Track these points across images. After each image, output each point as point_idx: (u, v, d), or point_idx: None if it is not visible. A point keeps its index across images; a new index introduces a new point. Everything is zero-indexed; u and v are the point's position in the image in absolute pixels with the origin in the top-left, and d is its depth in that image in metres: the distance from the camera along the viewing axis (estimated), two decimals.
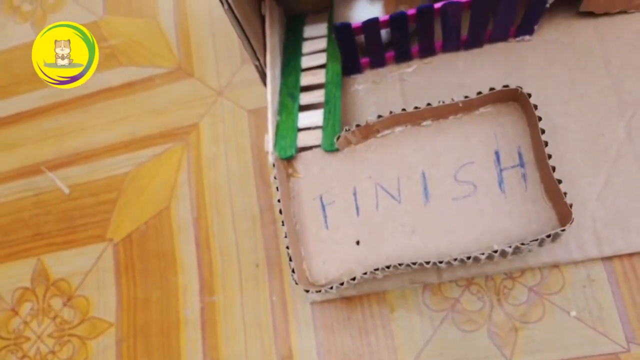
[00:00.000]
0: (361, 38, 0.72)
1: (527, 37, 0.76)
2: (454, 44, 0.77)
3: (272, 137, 0.71)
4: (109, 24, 1.01)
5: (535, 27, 0.75)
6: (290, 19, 0.86)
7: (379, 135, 0.70)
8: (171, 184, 0.88)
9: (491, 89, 0.63)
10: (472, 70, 0.77)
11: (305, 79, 0.78)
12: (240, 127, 0.88)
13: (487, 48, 0.78)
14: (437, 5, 0.67)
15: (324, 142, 0.71)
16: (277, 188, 0.66)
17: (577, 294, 0.66)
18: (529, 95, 0.62)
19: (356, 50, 0.75)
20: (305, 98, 0.77)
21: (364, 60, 0.79)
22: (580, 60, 0.73)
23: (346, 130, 0.67)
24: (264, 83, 0.76)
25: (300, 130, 0.74)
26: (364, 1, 0.74)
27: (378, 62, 0.80)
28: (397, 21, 0.68)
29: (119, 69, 0.97)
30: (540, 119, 0.61)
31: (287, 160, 0.72)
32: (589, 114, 0.70)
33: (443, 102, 0.64)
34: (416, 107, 0.65)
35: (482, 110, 0.67)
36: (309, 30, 0.84)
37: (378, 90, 0.80)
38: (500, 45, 0.77)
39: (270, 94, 0.73)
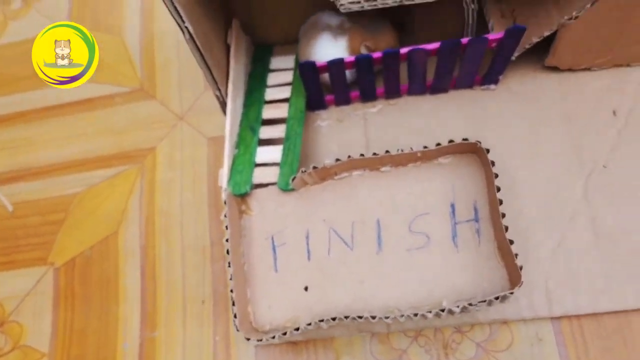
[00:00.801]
0: (327, 76, 0.71)
1: (492, 87, 0.76)
2: (419, 87, 0.76)
3: (227, 172, 0.69)
4: None
5: (500, 77, 0.75)
6: (258, 48, 0.84)
7: (336, 177, 0.68)
8: (121, 208, 0.84)
9: (450, 141, 0.62)
10: (436, 115, 0.77)
11: (268, 112, 0.77)
12: (199, 155, 0.85)
13: (452, 94, 0.77)
14: (404, 50, 0.66)
15: (280, 181, 0.69)
16: (226, 227, 0.63)
17: (525, 353, 0.65)
18: (487, 150, 0.62)
19: (320, 88, 0.73)
20: (265, 132, 0.75)
21: (329, 97, 0.78)
22: (542, 115, 0.73)
23: (302, 172, 0.65)
24: (225, 113, 0.74)
25: (257, 165, 0.72)
26: (328, 37, 0.73)
27: (343, 100, 0.78)
28: (362, 63, 0.67)
29: (79, 85, 0.94)
30: (497, 175, 0.60)
31: (241, 196, 0.69)
32: (548, 170, 0.69)
33: (402, 150, 0.63)
34: (375, 154, 0.64)
35: (441, 160, 0.66)
36: (276, 62, 0.82)
37: (341, 128, 0.79)
38: (465, 92, 0.77)
39: (229, 126, 0.71)
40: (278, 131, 0.74)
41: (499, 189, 0.59)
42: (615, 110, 0.71)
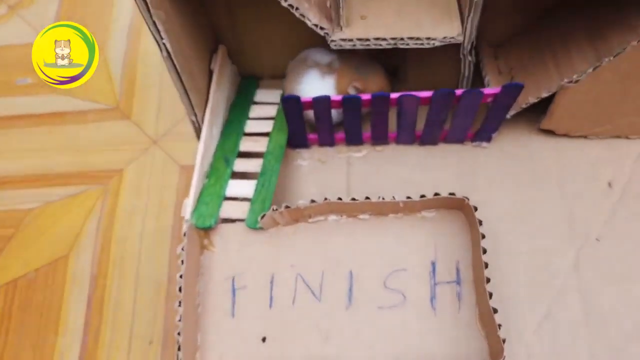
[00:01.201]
0: (312, 113, 0.67)
1: (484, 144, 0.72)
2: (408, 136, 0.72)
3: (193, 202, 0.63)
4: None
5: (494, 135, 0.71)
6: (245, 79, 0.81)
7: (310, 220, 0.63)
8: (76, 231, 0.78)
9: (436, 194, 0.58)
10: (423, 167, 0.72)
11: (246, 144, 0.72)
12: (168, 183, 0.80)
13: (442, 147, 0.73)
14: (394, 95, 0.62)
15: (249, 218, 0.63)
16: (182, 262, 0.57)
17: None
18: (475, 208, 0.57)
19: (304, 125, 0.69)
20: (240, 165, 0.70)
21: (313, 136, 0.73)
22: (535, 179, 0.69)
23: (274, 210, 0.59)
24: (199, 139, 0.69)
25: (227, 199, 0.66)
26: (316, 74, 0.69)
27: (327, 141, 0.74)
28: (350, 104, 0.63)
29: (52, 96, 0.89)
30: (483, 236, 0.55)
31: (205, 230, 0.63)
32: (538, 237, 0.65)
33: (383, 198, 0.58)
34: (354, 199, 0.59)
35: (424, 213, 0.61)
36: (261, 95, 0.78)
37: (323, 170, 0.74)
38: (455, 147, 0.73)
39: (201, 154, 0.66)
40: (254, 165, 0.69)
41: (484, 251, 0.54)
42: (611, 182, 0.68)
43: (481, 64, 0.70)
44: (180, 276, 0.56)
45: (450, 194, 0.58)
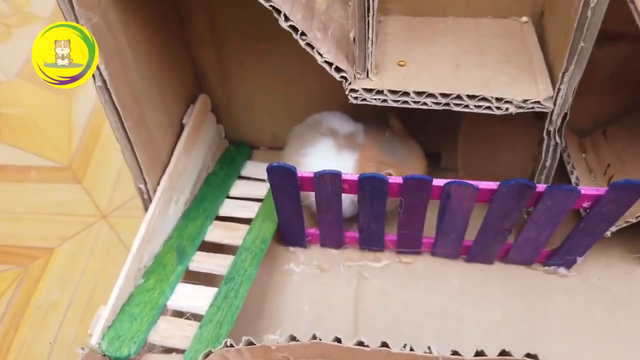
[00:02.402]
0: (313, 196, 0.45)
1: (562, 270, 0.49)
2: (451, 247, 0.49)
3: (108, 314, 0.40)
4: (13, 89, 0.76)
5: (579, 260, 0.48)
6: (234, 145, 0.61)
7: None
8: None
9: (503, 352, 0.34)
10: (469, 295, 0.49)
11: (214, 233, 0.50)
12: (108, 273, 0.58)
13: (500, 268, 0.51)
14: (439, 182, 0.41)
15: (190, 350, 0.40)
16: None
17: None
18: None
19: (300, 213, 0.47)
20: (200, 262, 0.47)
21: (313, 230, 0.51)
22: (635, 327, 0.45)
23: (227, 347, 0.36)
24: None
25: (166, 313, 0.43)
26: (330, 144, 0.49)
27: (332, 240, 0.52)
28: (369, 186, 0.42)
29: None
30: None
31: None
32: None
33: (412, 349, 0.34)
34: (361, 343, 0.35)
35: None
36: (251, 167, 0.58)
37: (323, 281, 0.52)
38: (519, 271, 0.51)
39: (140, 239, 0.44)
40: (219, 265, 0.47)
41: None
42: None
43: (564, 155, 0.49)
44: None
45: (529, 355, 0.33)
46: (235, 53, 0.52)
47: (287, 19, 0.36)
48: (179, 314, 0.44)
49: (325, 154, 0.49)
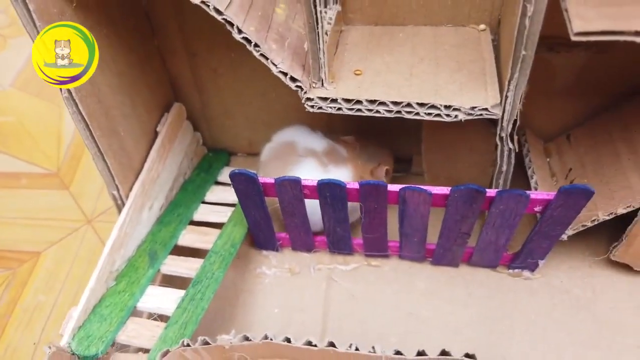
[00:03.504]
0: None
1: (526, 273, 0.50)
2: (415, 251, 0.50)
3: (79, 315, 0.42)
4: (7, 98, 0.79)
5: (541, 263, 0.49)
6: (212, 152, 0.62)
7: None
8: None
9: (444, 352, 0.35)
10: (434, 297, 0.50)
11: (187, 237, 0.52)
12: (92, 275, 0.60)
13: (464, 271, 0.52)
14: (394, 187, 0.42)
15: (155, 350, 0.41)
16: None
17: None
18: None
19: (268, 218, 0.49)
20: (171, 265, 0.49)
21: (283, 235, 0.53)
22: (600, 336, 0.46)
23: (184, 346, 0.38)
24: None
25: (134, 314, 0.45)
26: (313, 164, 0.50)
27: (302, 244, 0.53)
28: (328, 192, 0.43)
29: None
30: None
31: None
32: None
33: (357, 348, 0.36)
34: (309, 343, 0.36)
35: None
36: (227, 174, 0.59)
37: (293, 284, 0.53)
38: (484, 274, 0.51)
39: (111, 243, 0.46)
40: (188, 268, 0.48)
41: None
42: None
43: (526, 160, 0.50)
44: None
45: (468, 355, 0.35)
46: (208, 62, 0.53)
47: (240, 31, 0.38)
48: (149, 316, 0.45)
49: (313, 174, 0.48)
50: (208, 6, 0.37)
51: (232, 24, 0.38)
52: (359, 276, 0.53)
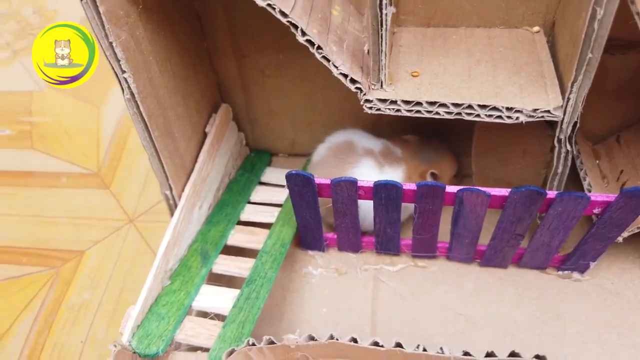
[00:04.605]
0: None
1: (575, 275, 0.50)
2: (465, 252, 0.50)
3: (137, 314, 0.43)
4: (44, 98, 0.79)
5: (592, 265, 0.49)
6: (254, 153, 0.63)
7: None
8: (4, 328, 0.58)
9: (514, 354, 0.35)
10: (483, 299, 0.50)
11: (236, 237, 0.52)
12: (135, 276, 0.60)
13: (513, 273, 0.52)
14: (452, 189, 0.42)
15: (214, 349, 0.42)
16: None
17: None
18: None
19: (319, 219, 0.49)
20: (223, 264, 0.49)
21: (331, 235, 0.53)
22: None
23: (250, 345, 0.38)
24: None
25: (191, 313, 0.45)
26: (371, 164, 0.50)
27: (349, 245, 0.54)
28: (384, 193, 0.43)
29: (27, 152, 0.73)
30: None
31: (150, 359, 0.42)
32: None
33: (425, 349, 0.36)
34: (376, 344, 0.36)
35: None
36: (271, 174, 0.60)
37: (340, 284, 0.53)
38: (532, 275, 0.51)
39: (166, 243, 0.46)
40: (241, 267, 0.49)
41: None
42: None
43: (577, 162, 0.50)
44: None
45: (538, 357, 0.35)
46: (256, 64, 0.54)
47: (304, 33, 0.38)
48: (203, 314, 0.46)
49: (371, 174, 0.50)
50: (274, 9, 0.37)
51: (296, 27, 0.38)
52: (406, 277, 0.53)
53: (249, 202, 0.56)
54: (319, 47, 0.39)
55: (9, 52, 0.88)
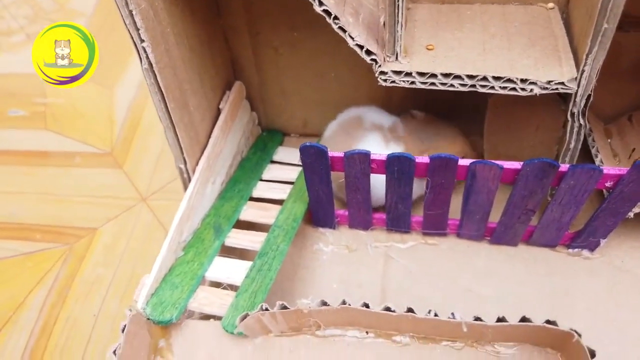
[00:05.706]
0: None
1: (585, 253, 0.50)
2: (475, 229, 0.51)
3: (152, 283, 0.43)
4: None
5: (603, 243, 0.49)
6: (266, 132, 0.63)
7: (318, 333, 0.41)
8: (18, 300, 0.59)
9: (524, 319, 0.35)
10: (493, 275, 0.51)
11: (248, 212, 0.53)
12: (148, 252, 0.61)
13: (523, 250, 0.52)
14: (464, 162, 0.42)
15: (227, 317, 0.42)
16: None
17: None
18: (592, 353, 0.34)
19: (330, 194, 0.50)
20: (235, 238, 0.50)
21: (342, 212, 0.54)
22: None
23: (263, 310, 0.38)
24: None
25: (204, 283, 0.46)
26: (378, 139, 0.51)
27: (360, 221, 0.54)
28: (396, 166, 0.44)
29: (41, 133, 0.74)
30: None
31: (163, 326, 0.43)
32: None
33: (436, 314, 0.36)
34: (388, 309, 0.37)
35: (499, 348, 0.38)
36: (283, 152, 0.61)
37: (351, 261, 0.54)
38: (543, 253, 0.52)
39: (180, 215, 0.47)
40: (253, 241, 0.49)
41: None
42: None
43: (589, 139, 0.50)
44: None
45: (548, 321, 0.35)
46: (270, 41, 0.54)
47: (320, 3, 0.39)
48: (216, 285, 0.46)
49: (376, 148, 0.51)
50: None
51: None
52: (416, 254, 0.53)
53: (261, 180, 0.57)
54: (335, 18, 0.39)
55: (23, 36, 0.89)
